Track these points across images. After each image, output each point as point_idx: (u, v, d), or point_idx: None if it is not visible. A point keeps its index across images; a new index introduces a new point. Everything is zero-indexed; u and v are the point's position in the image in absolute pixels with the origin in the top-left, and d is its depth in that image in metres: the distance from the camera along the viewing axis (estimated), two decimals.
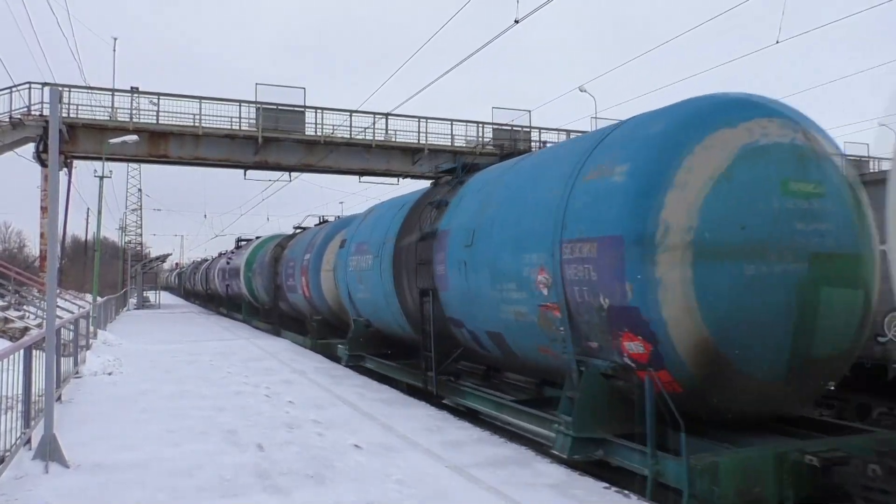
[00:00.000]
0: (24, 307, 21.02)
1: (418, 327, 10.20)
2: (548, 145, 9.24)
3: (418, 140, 30.90)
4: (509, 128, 32.67)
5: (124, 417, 8.94)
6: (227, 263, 33.80)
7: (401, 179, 32.48)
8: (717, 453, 5.52)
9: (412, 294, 10.29)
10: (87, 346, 15.09)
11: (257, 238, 31.21)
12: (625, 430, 6.15)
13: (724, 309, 5.61)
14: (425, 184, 20.10)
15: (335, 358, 15.10)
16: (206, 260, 52.95)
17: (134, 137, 23.68)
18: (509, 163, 9.18)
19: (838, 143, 6.46)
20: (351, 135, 29.50)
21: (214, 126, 28.03)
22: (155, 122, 27.35)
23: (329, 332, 17.72)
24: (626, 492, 5.76)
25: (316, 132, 29.50)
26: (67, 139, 25.81)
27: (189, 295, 61.29)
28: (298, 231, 23.47)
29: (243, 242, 34.90)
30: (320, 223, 21.39)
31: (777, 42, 13.63)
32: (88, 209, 51.89)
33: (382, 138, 30.39)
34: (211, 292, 41.97)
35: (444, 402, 9.96)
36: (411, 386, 11.16)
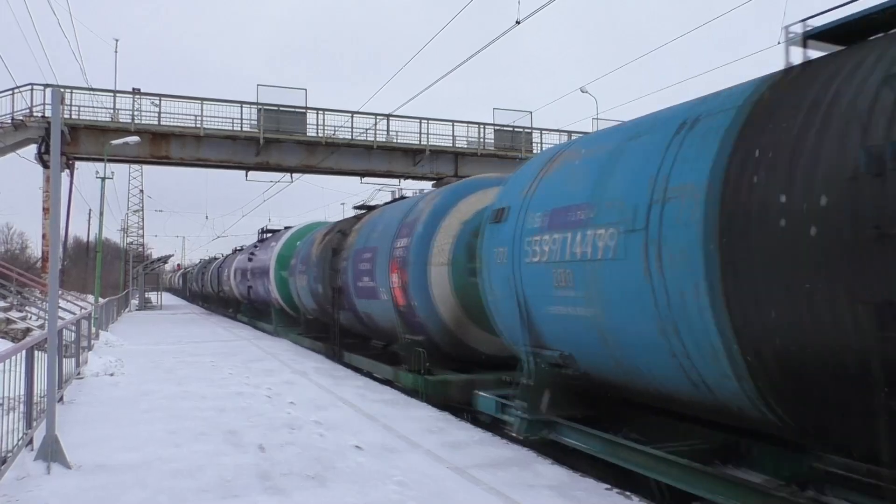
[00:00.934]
0: (27, 308, 21.07)
1: (809, 399, 4.44)
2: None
3: (419, 141, 30.92)
4: (511, 129, 32.70)
5: (126, 418, 8.95)
6: (250, 260, 27.51)
7: (402, 180, 32.52)
8: None
9: (812, 313, 4.11)
10: (89, 347, 15.12)
11: (286, 229, 24.81)
12: None
13: None
14: (427, 185, 19.97)
15: (455, 408, 9.35)
16: (217, 258, 48.14)
17: (135, 139, 23.77)
18: None
19: None
20: (352, 136, 29.51)
21: (216, 127, 28.06)
22: (156, 123, 27.40)
23: (436, 363, 10.80)
24: (628, 493, 5.75)
25: (317, 133, 29.53)
26: (69, 140, 25.87)
27: (196, 298, 55.88)
28: (362, 213, 16.44)
29: (268, 234, 28.21)
30: (393, 201, 15.03)
31: (778, 43, 13.60)
32: (90, 210, 52.13)
33: (384, 139, 30.42)
34: (224, 295, 36.34)
35: None
36: None
